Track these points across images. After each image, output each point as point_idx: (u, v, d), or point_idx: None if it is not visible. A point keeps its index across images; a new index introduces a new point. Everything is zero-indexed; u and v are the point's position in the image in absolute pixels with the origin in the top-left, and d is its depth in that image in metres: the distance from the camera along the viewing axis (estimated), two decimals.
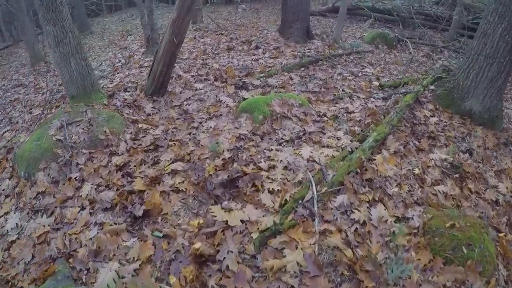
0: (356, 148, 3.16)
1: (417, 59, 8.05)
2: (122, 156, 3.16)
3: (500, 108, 4.89)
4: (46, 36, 3.75)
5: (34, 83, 7.18)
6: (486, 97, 4.66)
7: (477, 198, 3.35)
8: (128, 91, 4.48)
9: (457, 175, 3.43)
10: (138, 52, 7.24)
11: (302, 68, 5.41)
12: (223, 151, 2.94)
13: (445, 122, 4.55)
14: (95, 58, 8.34)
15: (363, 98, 4.65)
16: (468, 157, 3.94)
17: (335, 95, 4.53)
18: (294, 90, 4.48)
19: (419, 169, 3.34)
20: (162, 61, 3.90)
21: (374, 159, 3.17)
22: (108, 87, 5.14)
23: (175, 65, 5.59)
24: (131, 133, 3.46)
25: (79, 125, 3.59)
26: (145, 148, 3.20)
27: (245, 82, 4.49)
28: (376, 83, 5.40)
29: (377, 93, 5.01)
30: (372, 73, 5.99)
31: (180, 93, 4.35)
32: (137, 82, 4.92)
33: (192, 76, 4.94)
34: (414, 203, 2.91)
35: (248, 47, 6.45)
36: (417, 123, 4.31)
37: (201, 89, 4.41)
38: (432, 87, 5.57)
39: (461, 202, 3.18)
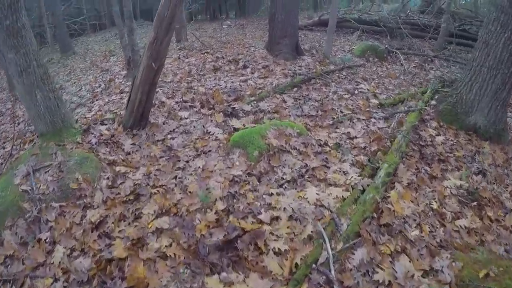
0: (368, 186, 2.77)
1: (410, 71, 7.85)
2: (98, 209, 2.69)
3: (505, 120, 4.64)
4: (8, 65, 3.26)
5: (12, 111, 6.63)
6: (491, 111, 4.40)
7: (498, 227, 3.03)
8: (105, 124, 4.02)
9: (474, 203, 3.12)
10: (120, 75, 6.79)
11: (295, 88, 5.04)
12: (215, 200, 2.50)
13: (452, 140, 4.25)
14: (74, 82, 7.85)
15: (363, 119, 4.31)
16: (482, 179, 3.65)
17: (334, 118, 4.17)
18: (289, 115, 4.09)
19: (436, 201, 2.99)
20: (141, 90, 3.46)
21: (389, 196, 2.79)
22: (85, 117, 4.68)
23: (157, 90, 5.18)
24: (107, 178, 2.99)
25: (48, 171, 3.12)
26: (124, 198, 2.74)
27: (234, 108, 4.08)
28: (374, 101, 5.08)
29: (377, 113, 4.68)
30: (368, 89, 5.69)
31: (164, 123, 3.91)
32: (116, 112, 4.47)
33: (177, 102, 4.51)
34: (439, 246, 2.54)
35: (235, 66, 6.07)
36: (424, 145, 3.99)
37: (186, 118, 3.98)
38: (433, 102, 5.30)
39: (484, 236, 2.86)
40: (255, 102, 4.30)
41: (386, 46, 9.14)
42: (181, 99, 4.57)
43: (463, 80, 4.63)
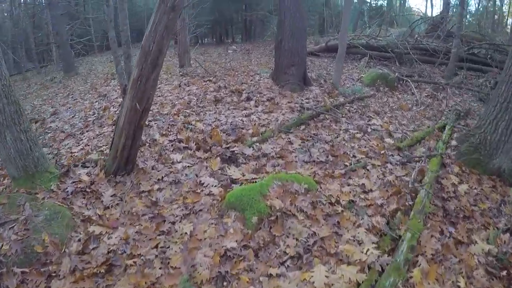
0: (387, 265, 2.27)
1: (422, 101, 7.45)
2: (64, 281, 2.24)
3: None
4: None
5: None
6: None
7: None
8: (87, 167, 3.58)
9: (504, 272, 2.64)
10: (116, 103, 6.41)
11: (302, 126, 4.60)
12: (201, 282, 2.02)
13: (476, 189, 3.78)
14: (70, 107, 7.50)
15: (378, 165, 3.85)
16: (510, 238, 3.15)
17: (346, 165, 3.70)
18: (296, 161, 3.63)
19: (463, 277, 2.52)
20: (125, 133, 3.03)
21: (411, 277, 2.28)
22: (70, 152, 4.28)
23: (152, 124, 4.78)
24: (79, 241, 2.53)
25: (13, 226, 2.68)
26: (95, 270, 2.26)
27: (234, 151, 3.63)
28: (389, 141, 4.64)
29: (393, 155, 4.23)
30: (381, 125, 5.27)
31: (152, 168, 3.46)
32: (102, 150, 4.06)
33: (171, 141, 4.09)
34: None
35: (238, 98, 5.67)
36: (447, 198, 3.51)
37: (179, 163, 3.53)
38: (453, 142, 4.85)
39: None
40: (257, 144, 3.85)
41: (397, 74, 8.76)
42: (176, 137, 4.15)
43: (486, 118, 4.18)
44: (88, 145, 4.51)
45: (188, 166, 3.45)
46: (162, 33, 2.59)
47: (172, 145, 3.99)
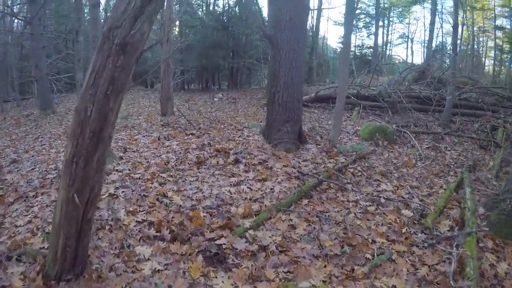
0: None
1: (426, 155, 6.89)
2: None
3: None
4: None
5: None
6: None
7: None
8: (23, 262, 2.61)
9: None
10: None
11: (304, 200, 3.76)
12: None
13: None
14: (33, 156, 6.46)
15: (404, 251, 3.04)
16: None
17: (366, 258, 2.84)
18: (304, 256, 2.74)
19: None
20: (64, 233, 2.11)
21: None
22: (15, 226, 3.28)
23: (119, 194, 3.85)
24: None
25: None
26: None
27: (221, 245, 2.71)
28: (407, 213, 3.91)
29: (416, 233, 3.49)
30: (392, 191, 4.58)
31: (110, 270, 2.50)
32: (49, 232, 3.06)
33: (138, 223, 3.16)
34: None
35: (224, 159, 4.83)
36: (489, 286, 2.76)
37: (146, 261, 2.59)
38: (481, 209, 4.14)
39: None
40: (251, 231, 2.95)
41: (395, 126, 8.27)
42: (146, 218, 3.22)
43: None
44: (38, 217, 3.52)
45: (159, 270, 2.49)
46: (107, 89, 1.75)
47: (139, 230, 3.04)
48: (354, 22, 21.37)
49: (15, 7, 15.67)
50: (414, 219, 3.76)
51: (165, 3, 9.94)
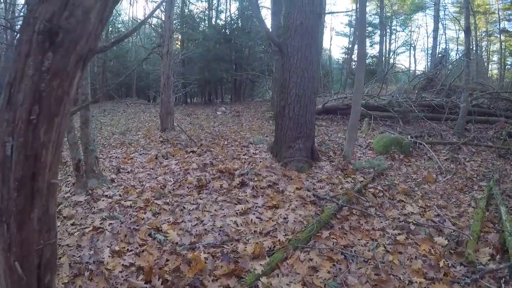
0: None
1: (446, 167, 6.35)
2: None
3: None
4: None
5: None
6: None
7: None
8: None
9: None
10: (66, 187, 4.85)
11: (325, 233, 3.16)
12: None
13: None
14: None
15: None
16: None
17: None
18: None
19: None
20: None
21: None
22: None
23: (106, 225, 3.28)
24: None
25: None
26: None
27: None
28: (441, 240, 3.36)
29: (454, 266, 2.95)
30: (420, 214, 4.06)
31: None
32: None
33: (124, 268, 2.58)
34: None
35: (229, 182, 4.26)
36: None
37: None
38: None
39: None
40: (264, 278, 2.36)
41: (410, 137, 7.69)
42: (134, 261, 2.64)
43: None
44: None
45: None
46: (29, 111, 1.10)
47: (125, 278, 2.46)
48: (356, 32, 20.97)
49: None
50: (450, 248, 3.22)
51: (165, 13, 9.52)
